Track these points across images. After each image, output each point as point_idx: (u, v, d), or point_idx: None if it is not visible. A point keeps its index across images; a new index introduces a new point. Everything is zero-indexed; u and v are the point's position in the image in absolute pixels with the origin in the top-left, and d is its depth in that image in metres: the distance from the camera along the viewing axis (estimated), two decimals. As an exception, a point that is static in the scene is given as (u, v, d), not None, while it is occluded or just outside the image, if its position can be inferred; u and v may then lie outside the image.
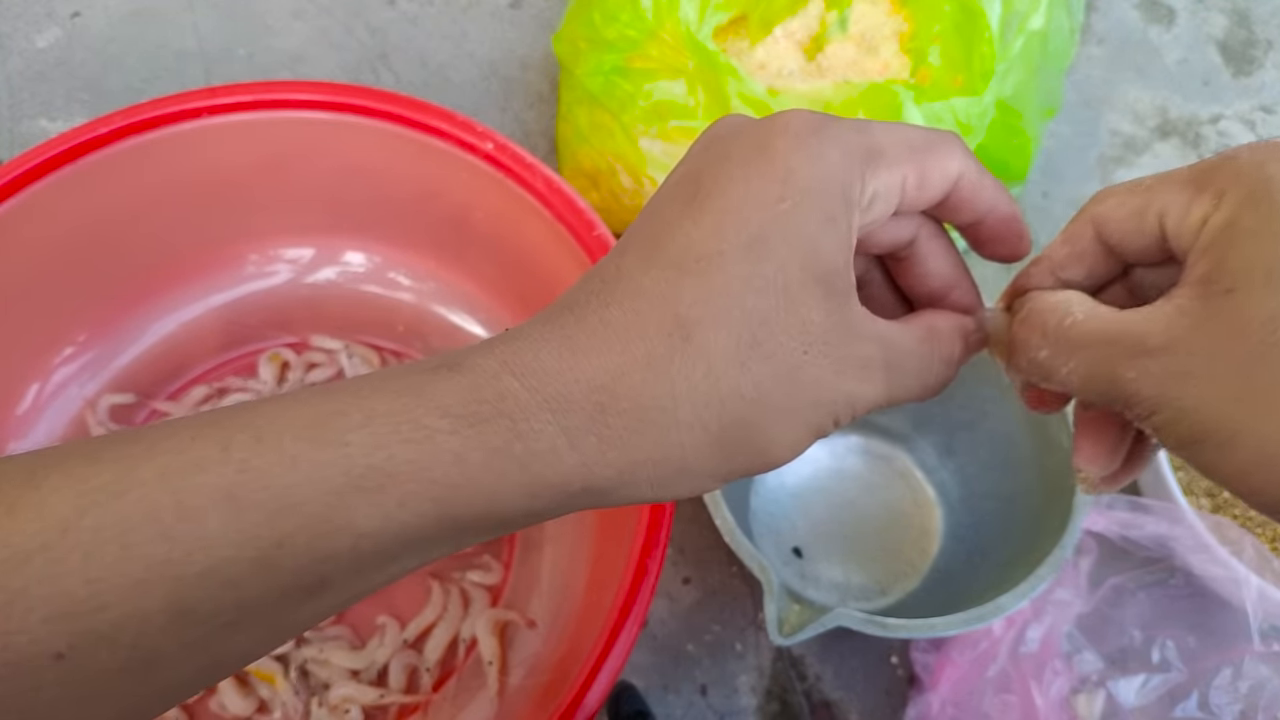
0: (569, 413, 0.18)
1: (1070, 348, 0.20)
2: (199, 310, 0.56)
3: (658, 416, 0.19)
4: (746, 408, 0.19)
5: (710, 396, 0.19)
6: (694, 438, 0.19)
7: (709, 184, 0.20)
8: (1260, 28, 0.79)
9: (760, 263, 0.19)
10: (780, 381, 0.19)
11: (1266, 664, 0.48)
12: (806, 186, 0.19)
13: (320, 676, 0.48)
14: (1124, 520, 0.50)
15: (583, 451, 0.19)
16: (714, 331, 0.19)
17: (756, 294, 0.19)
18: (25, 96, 0.70)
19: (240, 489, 0.16)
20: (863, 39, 0.58)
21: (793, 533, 0.56)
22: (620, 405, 0.19)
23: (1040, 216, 0.69)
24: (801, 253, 0.19)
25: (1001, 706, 0.47)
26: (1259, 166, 0.18)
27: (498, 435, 0.18)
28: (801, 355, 0.19)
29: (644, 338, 0.19)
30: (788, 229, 0.19)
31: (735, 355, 0.19)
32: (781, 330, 0.19)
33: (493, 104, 0.71)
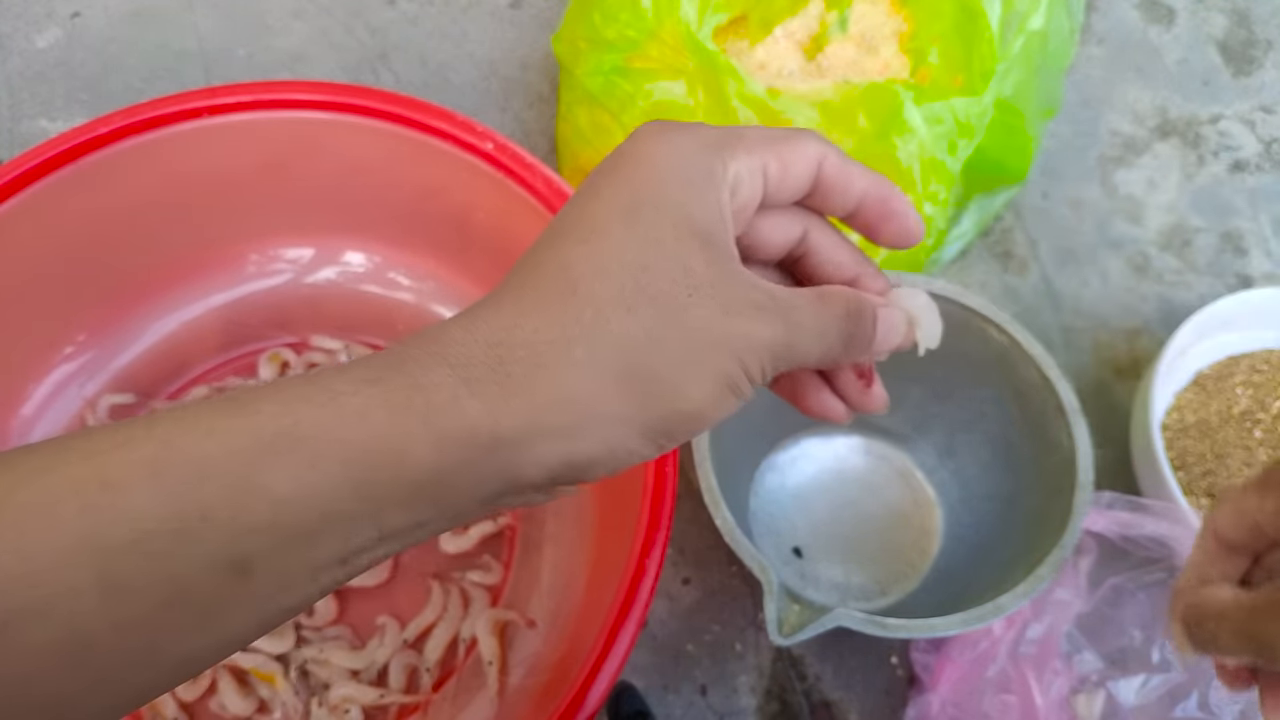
0: (468, 366, 0.19)
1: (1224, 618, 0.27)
2: (199, 310, 0.56)
3: (553, 358, 0.20)
4: (641, 350, 0.20)
5: (602, 336, 0.20)
6: (593, 376, 0.20)
7: (588, 186, 0.22)
8: (1260, 28, 0.79)
9: (636, 225, 0.21)
10: (669, 323, 0.20)
11: (1266, 664, 0.48)
12: (665, 165, 0.22)
13: (320, 676, 0.48)
14: (1124, 520, 0.50)
15: (485, 399, 0.19)
16: (598, 281, 0.20)
17: (636, 248, 0.21)
18: (25, 96, 0.70)
19: (161, 462, 0.17)
20: (863, 39, 0.58)
21: (793, 533, 0.56)
22: (516, 353, 0.20)
23: (1040, 216, 0.69)
24: (673, 214, 0.21)
25: (1001, 706, 0.47)
26: None
27: (398, 391, 0.19)
28: (686, 298, 0.20)
29: (535, 291, 0.21)
30: (656, 197, 0.21)
31: (620, 300, 0.20)
32: (662, 276, 0.20)
33: (493, 104, 0.72)
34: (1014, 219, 0.69)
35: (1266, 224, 0.70)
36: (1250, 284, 0.67)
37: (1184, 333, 0.55)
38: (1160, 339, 0.60)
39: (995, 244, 0.68)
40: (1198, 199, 0.70)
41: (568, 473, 0.20)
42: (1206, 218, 0.70)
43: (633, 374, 0.20)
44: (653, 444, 0.21)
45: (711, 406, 0.21)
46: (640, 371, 0.20)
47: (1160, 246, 0.68)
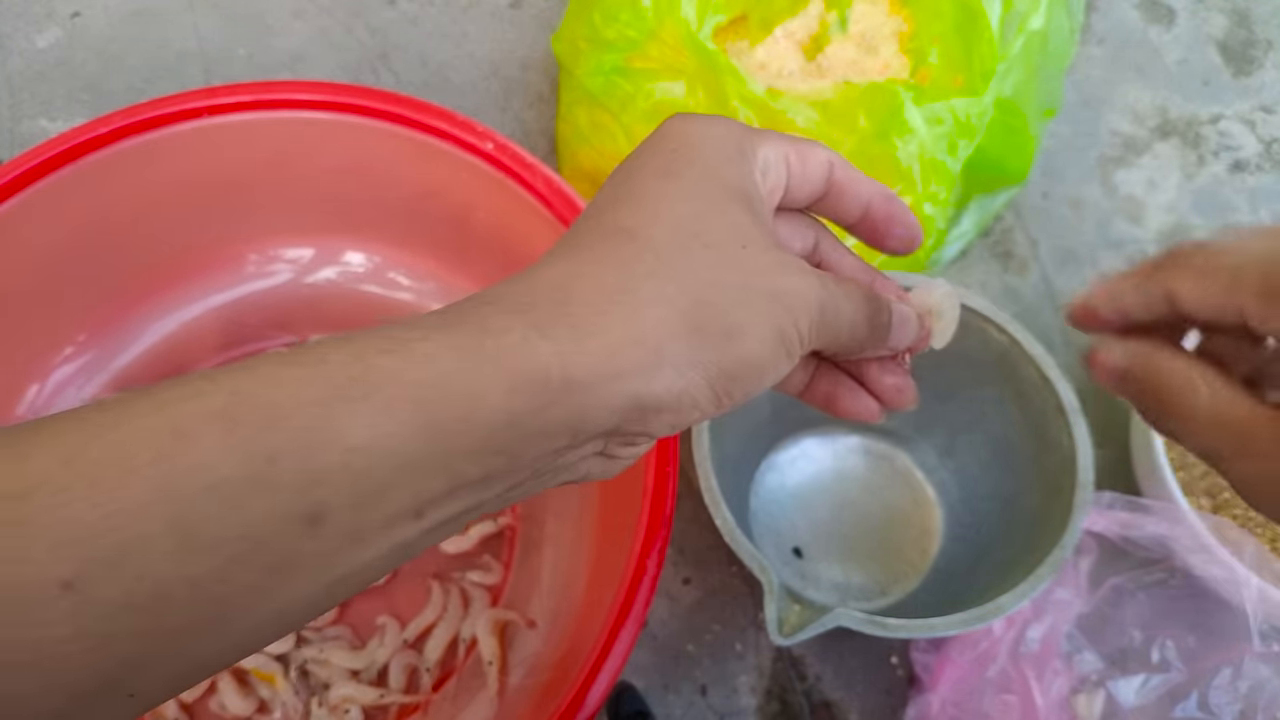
0: (534, 310, 0.20)
1: (1194, 429, 0.23)
2: (199, 310, 0.56)
3: (622, 297, 0.20)
4: (703, 286, 0.20)
5: (666, 275, 0.20)
6: (662, 313, 0.20)
7: (620, 169, 0.23)
8: (1260, 28, 0.79)
9: (681, 182, 0.22)
10: (728, 266, 0.21)
11: (1266, 664, 0.48)
12: (697, 136, 0.23)
13: (320, 676, 0.48)
14: (1124, 520, 0.50)
15: (556, 342, 0.19)
16: (654, 228, 0.21)
17: (686, 201, 0.21)
18: (25, 96, 0.70)
19: (231, 409, 0.17)
20: (863, 39, 0.58)
21: (793, 533, 0.56)
22: (583, 295, 0.20)
23: (1040, 217, 0.69)
24: (714, 176, 0.22)
25: (1001, 706, 0.48)
26: None
27: (469, 335, 0.19)
28: (740, 249, 0.21)
29: (592, 246, 0.21)
30: (695, 162, 0.22)
31: (679, 244, 0.21)
32: (716, 226, 0.21)
33: (493, 104, 0.71)
34: (1014, 219, 0.69)
35: (1267, 224, 0.70)
36: (1250, 284, 0.67)
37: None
38: (1160, 339, 0.60)
39: (995, 244, 0.68)
40: (1198, 199, 0.70)
41: (633, 417, 0.20)
42: (1207, 218, 0.70)
43: (699, 312, 0.20)
44: (714, 396, 0.21)
45: (769, 358, 0.21)
46: (705, 310, 0.20)
47: (1161, 246, 0.68)
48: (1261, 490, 0.22)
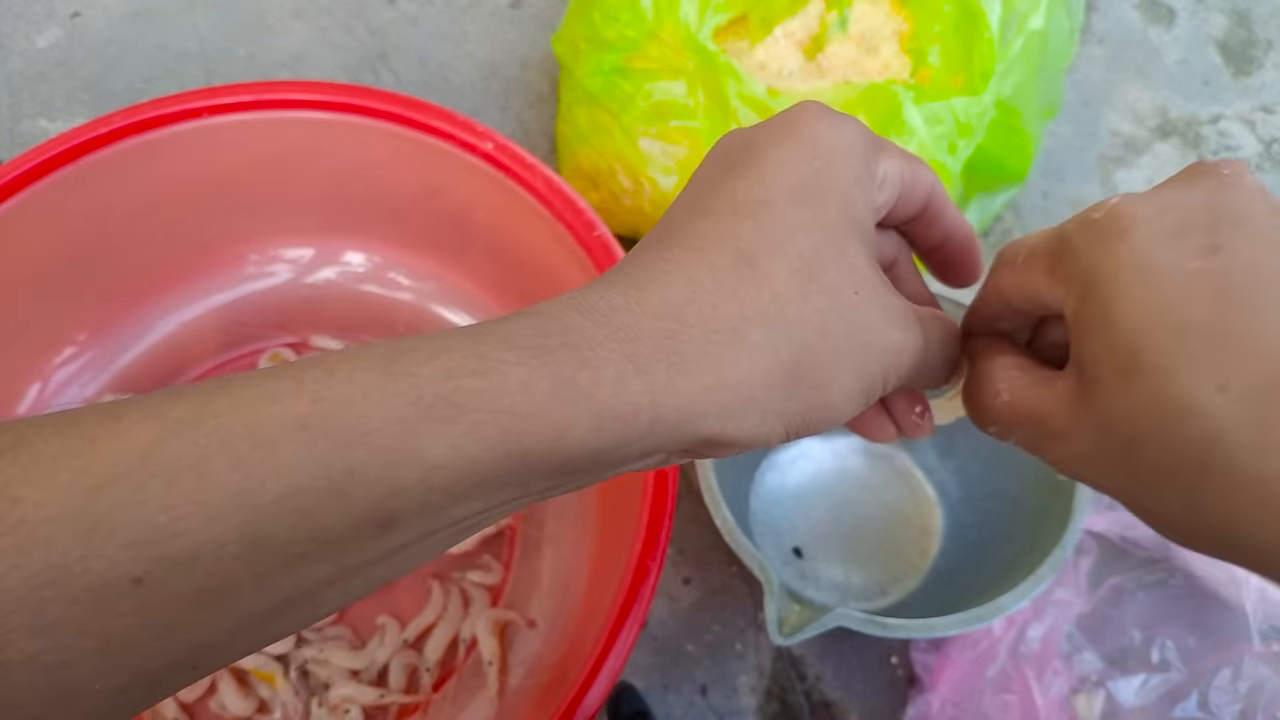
0: (636, 341, 0.19)
1: (1006, 425, 0.22)
2: (199, 310, 0.56)
3: (729, 338, 0.19)
4: (811, 335, 0.20)
5: (778, 319, 0.20)
6: (764, 361, 0.19)
7: (743, 156, 0.21)
8: (1260, 28, 0.79)
9: (806, 208, 0.21)
10: (838, 315, 0.20)
11: (1266, 664, 0.48)
12: (833, 149, 0.21)
13: (320, 676, 0.48)
14: (1124, 520, 0.50)
15: (650, 379, 0.19)
16: (775, 263, 0.20)
17: (807, 233, 0.20)
18: (25, 96, 0.70)
19: (313, 419, 0.17)
20: (863, 39, 0.58)
21: (793, 533, 0.56)
22: (691, 330, 0.19)
23: (1040, 217, 0.69)
24: (839, 204, 0.21)
25: (1001, 706, 0.48)
26: (1087, 259, 0.20)
27: (563, 365, 0.18)
28: (853, 295, 0.21)
29: (710, 268, 0.20)
30: (824, 183, 0.21)
31: (797, 285, 0.20)
32: (834, 268, 0.20)
33: (493, 104, 0.71)
34: (1014, 219, 0.69)
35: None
36: (1250, 284, 0.67)
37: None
38: (1160, 339, 0.60)
39: (995, 244, 0.68)
40: (1198, 199, 0.70)
41: (703, 449, 0.20)
42: (1206, 218, 0.70)
43: (798, 356, 0.20)
44: (787, 432, 0.21)
45: (849, 407, 0.21)
46: (804, 361, 0.20)
47: (1160, 246, 0.68)
48: (1075, 470, 0.21)
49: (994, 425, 0.23)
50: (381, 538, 0.17)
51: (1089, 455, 0.20)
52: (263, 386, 0.17)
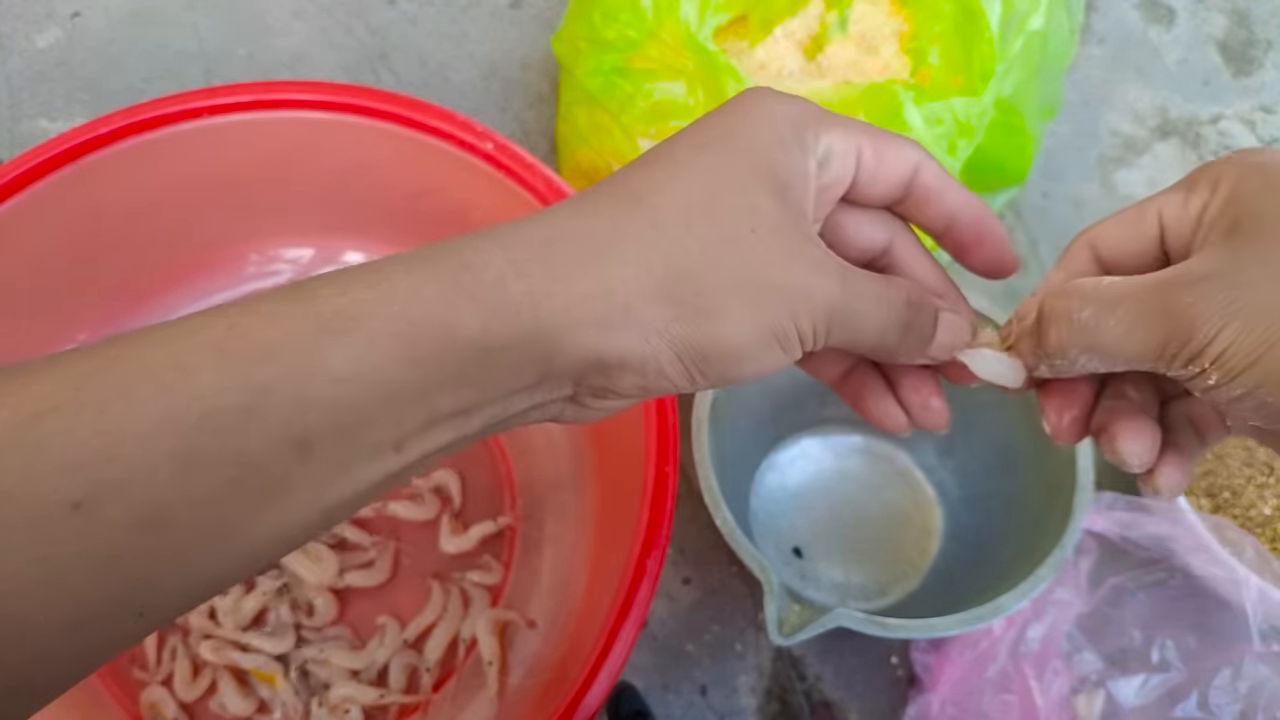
0: (516, 248, 0.20)
1: (1117, 299, 0.20)
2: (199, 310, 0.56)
3: (601, 251, 0.20)
4: (691, 263, 0.20)
5: (656, 241, 0.20)
6: (637, 274, 0.20)
7: (670, 136, 0.22)
8: (1260, 28, 0.79)
9: (707, 156, 0.21)
10: (726, 246, 0.20)
11: (1266, 664, 0.48)
12: (758, 114, 0.22)
13: (320, 676, 0.48)
14: (1124, 520, 0.50)
15: (529, 279, 0.20)
16: (661, 197, 0.21)
17: (707, 177, 0.21)
18: (25, 96, 0.70)
19: (228, 342, 0.18)
20: (863, 39, 0.58)
21: (793, 533, 0.56)
22: (567, 245, 0.20)
23: (1040, 217, 0.69)
24: (752, 156, 0.21)
25: (1001, 706, 0.48)
26: (1240, 156, 0.20)
27: (448, 270, 0.19)
28: (749, 232, 0.21)
29: (596, 201, 0.21)
30: (734, 139, 0.21)
31: (680, 216, 0.20)
32: (729, 207, 0.21)
33: (493, 104, 0.71)
34: (1014, 219, 0.69)
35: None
36: (1250, 284, 0.67)
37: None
38: (1160, 339, 0.60)
39: (995, 244, 0.68)
40: (1198, 199, 0.70)
41: (597, 369, 0.20)
42: (1206, 218, 0.70)
43: (677, 284, 0.20)
44: (684, 370, 0.21)
45: (753, 347, 0.21)
46: (685, 284, 0.20)
47: (1160, 246, 0.69)
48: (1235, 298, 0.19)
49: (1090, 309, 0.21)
50: (302, 461, 0.18)
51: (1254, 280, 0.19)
52: (185, 324, 0.18)
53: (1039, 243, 0.68)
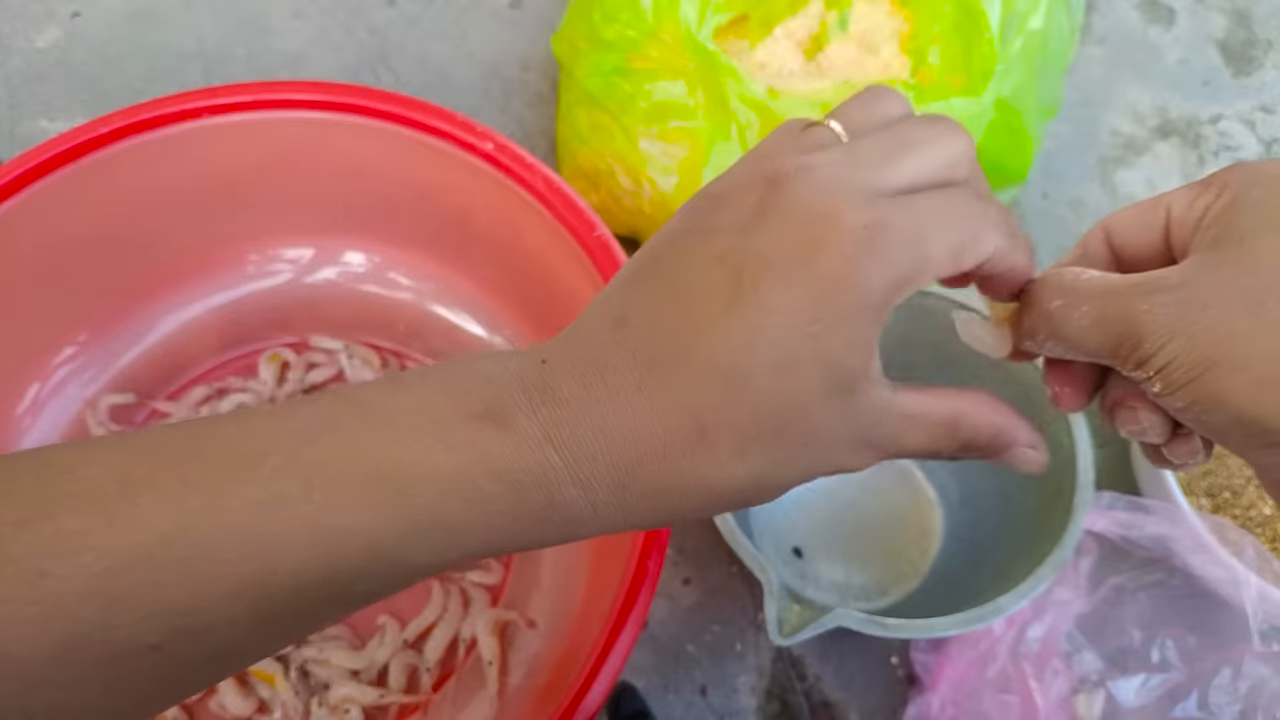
0: (595, 489, 0.21)
1: (1084, 296, 0.21)
2: (199, 310, 0.56)
3: (667, 500, 0.21)
4: (738, 489, 0.21)
5: (709, 484, 0.21)
6: (692, 504, 0.21)
7: (749, 285, 0.20)
8: (1260, 28, 0.79)
9: (783, 381, 0.20)
10: (773, 467, 0.21)
11: (1266, 664, 0.48)
12: (844, 314, 0.20)
13: (320, 676, 0.48)
14: (1124, 520, 0.50)
15: (604, 519, 0.21)
16: (726, 434, 0.20)
17: (772, 408, 0.20)
18: (25, 96, 0.70)
19: (319, 525, 0.19)
20: (863, 39, 0.58)
21: (793, 533, 0.56)
22: (638, 487, 0.21)
23: (1040, 217, 0.69)
24: (823, 373, 0.20)
25: (1001, 706, 0.48)
26: (1256, 164, 0.21)
27: (538, 503, 0.20)
28: (801, 449, 0.21)
29: (666, 433, 0.20)
30: (816, 353, 0.20)
31: (739, 448, 0.20)
32: (789, 434, 0.21)
33: (493, 104, 0.71)
34: (1014, 219, 0.69)
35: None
36: (1250, 284, 0.67)
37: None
38: (1160, 339, 0.60)
39: (995, 244, 0.68)
40: (1198, 199, 0.70)
41: None
42: (1206, 218, 0.70)
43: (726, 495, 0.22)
44: None
45: None
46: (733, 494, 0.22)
47: (1160, 246, 0.68)
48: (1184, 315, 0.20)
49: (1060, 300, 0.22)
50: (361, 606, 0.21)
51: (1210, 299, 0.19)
52: (274, 489, 0.19)
53: (1039, 243, 0.68)
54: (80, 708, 0.17)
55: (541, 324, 0.53)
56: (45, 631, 0.16)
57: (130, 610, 0.17)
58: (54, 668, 0.16)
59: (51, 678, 0.16)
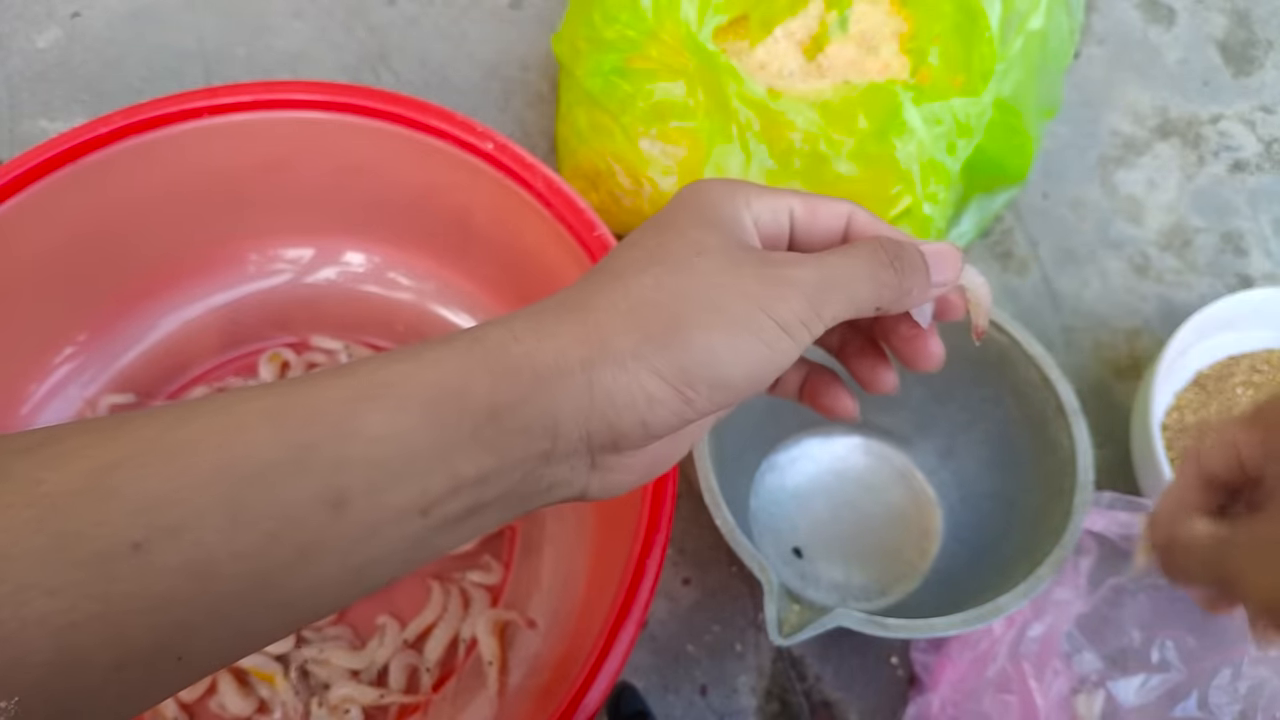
0: (514, 321, 0.23)
1: (1193, 552, 0.30)
2: (199, 310, 0.56)
3: (576, 306, 0.23)
4: (648, 291, 0.23)
5: (616, 288, 0.23)
6: (607, 316, 0.23)
7: None
8: (1260, 28, 0.79)
9: (658, 225, 0.25)
10: (677, 272, 0.23)
11: (1266, 664, 0.48)
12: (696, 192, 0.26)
13: (320, 676, 0.48)
14: (1124, 520, 0.50)
15: (524, 343, 0.22)
16: (621, 259, 0.24)
17: (654, 234, 0.25)
18: (25, 96, 0.70)
19: (279, 409, 0.20)
20: (863, 39, 0.58)
21: (793, 533, 0.56)
22: (550, 309, 0.23)
23: (1040, 217, 0.69)
24: (691, 213, 0.25)
25: (1001, 706, 0.48)
26: None
27: (463, 344, 0.22)
28: (694, 257, 0.23)
29: (578, 278, 0.25)
30: (680, 205, 0.25)
31: (636, 266, 0.24)
32: (670, 248, 0.24)
33: (493, 104, 0.72)
34: (1014, 219, 0.69)
35: (1266, 224, 0.70)
36: (1250, 284, 0.67)
37: (1184, 333, 0.55)
38: (1160, 339, 0.60)
39: (995, 244, 0.68)
40: (1198, 199, 0.70)
41: (597, 417, 0.22)
42: (1206, 218, 0.70)
43: (639, 312, 0.23)
44: (676, 392, 0.23)
45: (731, 352, 0.23)
46: (647, 310, 0.23)
47: (1160, 247, 0.68)
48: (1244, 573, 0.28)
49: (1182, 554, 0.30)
50: (336, 519, 0.20)
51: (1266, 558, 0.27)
52: (244, 393, 0.21)
53: (1039, 243, 0.68)
54: (67, 620, 0.17)
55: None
56: (40, 530, 0.17)
57: (118, 504, 0.18)
58: (45, 569, 0.17)
59: (42, 580, 0.17)
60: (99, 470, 0.18)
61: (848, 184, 0.53)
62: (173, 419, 0.20)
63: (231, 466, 0.19)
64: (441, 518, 0.21)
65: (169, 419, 0.20)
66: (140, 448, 0.19)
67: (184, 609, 0.18)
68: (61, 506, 0.17)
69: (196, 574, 0.18)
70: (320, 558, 0.20)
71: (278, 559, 0.19)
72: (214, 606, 0.19)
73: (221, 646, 0.20)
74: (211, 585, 0.19)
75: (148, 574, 0.18)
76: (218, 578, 0.19)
